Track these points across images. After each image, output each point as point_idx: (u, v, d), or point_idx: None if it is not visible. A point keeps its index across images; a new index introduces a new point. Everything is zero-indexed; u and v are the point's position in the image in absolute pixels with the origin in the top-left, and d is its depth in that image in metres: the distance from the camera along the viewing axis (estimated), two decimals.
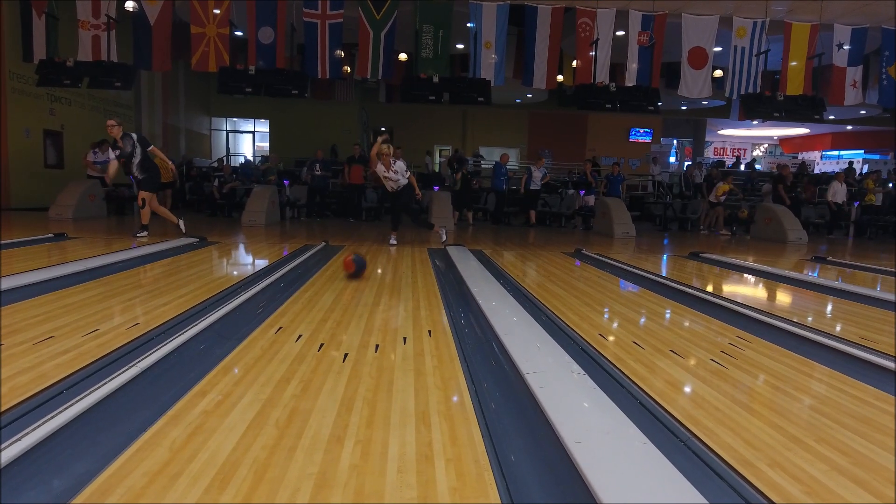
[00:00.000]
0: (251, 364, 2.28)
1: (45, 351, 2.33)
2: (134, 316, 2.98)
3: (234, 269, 4.89)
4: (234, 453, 1.52)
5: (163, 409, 1.80)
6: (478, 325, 3.09)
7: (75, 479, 1.39)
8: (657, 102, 9.22)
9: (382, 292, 3.91)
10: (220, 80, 9.56)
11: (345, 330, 2.87)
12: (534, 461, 1.59)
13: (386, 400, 1.96)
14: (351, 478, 1.42)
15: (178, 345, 2.40)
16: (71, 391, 1.93)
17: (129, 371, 2.03)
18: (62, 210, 8.50)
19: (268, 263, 5.07)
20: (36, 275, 3.84)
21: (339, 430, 1.70)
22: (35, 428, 1.55)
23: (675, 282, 4.69)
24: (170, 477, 1.39)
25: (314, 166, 11.58)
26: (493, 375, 2.30)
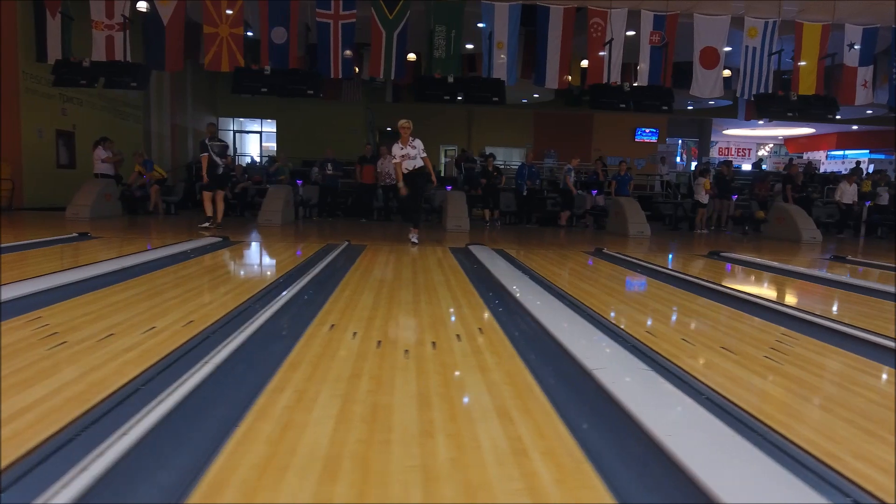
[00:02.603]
0: (316, 361, 2.29)
1: (111, 348, 2.35)
2: (184, 314, 2.99)
3: (265, 269, 4.90)
4: (332, 447, 1.54)
5: (245, 405, 1.82)
6: (525, 322, 3.10)
7: (181, 473, 1.41)
8: (671, 102, 9.26)
9: (419, 291, 3.93)
10: (235, 80, 9.59)
11: (395, 328, 2.89)
12: (623, 455, 1.61)
13: (460, 395, 1.99)
14: (454, 470, 1.44)
15: (240, 342, 2.42)
16: (149, 387, 1.96)
17: (205, 368, 2.05)
18: (79, 210, 8.51)
19: (297, 263, 5.08)
20: (73, 274, 3.86)
21: (424, 424, 1.72)
22: (135, 423, 1.57)
23: (706, 280, 4.72)
24: (278, 469, 1.41)
25: (326, 165, 11.60)
26: (556, 371, 2.32)
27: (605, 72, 9.89)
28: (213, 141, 8.15)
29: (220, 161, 8.09)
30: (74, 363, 2.15)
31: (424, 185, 6.86)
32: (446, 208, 9.11)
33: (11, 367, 2.09)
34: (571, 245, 7.54)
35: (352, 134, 19.56)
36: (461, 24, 10.59)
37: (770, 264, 6.02)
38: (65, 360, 2.19)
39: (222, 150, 8.23)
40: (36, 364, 2.13)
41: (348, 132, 19.43)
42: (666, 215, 12.54)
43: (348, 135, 19.14)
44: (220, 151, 8.15)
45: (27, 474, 1.36)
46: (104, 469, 1.33)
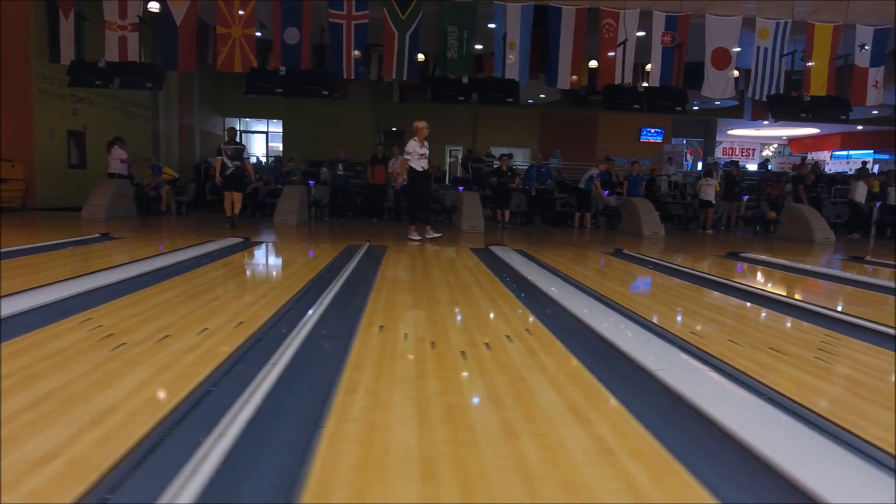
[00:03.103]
0: (378, 362, 2.31)
1: (171, 350, 2.37)
2: (231, 315, 3.00)
3: (296, 269, 4.90)
4: (422, 448, 1.56)
5: (323, 406, 1.84)
6: (568, 323, 3.12)
7: (282, 473, 1.43)
8: (684, 103, 9.29)
9: (454, 292, 3.94)
10: (248, 81, 9.61)
11: (444, 329, 2.91)
12: (707, 455, 1.63)
13: (529, 396, 2.00)
14: (550, 469, 1.46)
15: (298, 344, 2.43)
16: (221, 388, 1.97)
17: (276, 369, 2.06)
18: (95, 210, 8.52)
19: (326, 263, 5.09)
20: (110, 275, 3.88)
21: (504, 424, 1.74)
22: (228, 425, 1.58)
23: (733, 281, 4.74)
24: (378, 470, 1.43)
25: (337, 166, 11.61)
26: (614, 371, 2.33)
27: (619, 72, 9.90)
28: (227, 144, 8.43)
29: (230, 163, 8.29)
30: (141, 364, 2.17)
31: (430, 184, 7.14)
32: (461, 209, 9.12)
33: (81, 368, 2.10)
34: (589, 246, 7.56)
35: (358, 134, 19.59)
36: (474, 24, 10.61)
37: (790, 265, 6.05)
38: (130, 361, 2.20)
39: (236, 153, 8.39)
40: (103, 366, 2.15)
41: (355, 132, 19.46)
42: (675, 216, 12.57)
43: (355, 135, 19.18)
44: (233, 154, 8.36)
45: (131, 475, 1.38)
46: (213, 470, 1.35)
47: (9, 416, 1.67)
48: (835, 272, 5.47)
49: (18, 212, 9.76)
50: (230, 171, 8.32)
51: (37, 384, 1.93)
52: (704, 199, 11.04)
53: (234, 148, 8.40)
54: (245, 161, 8.53)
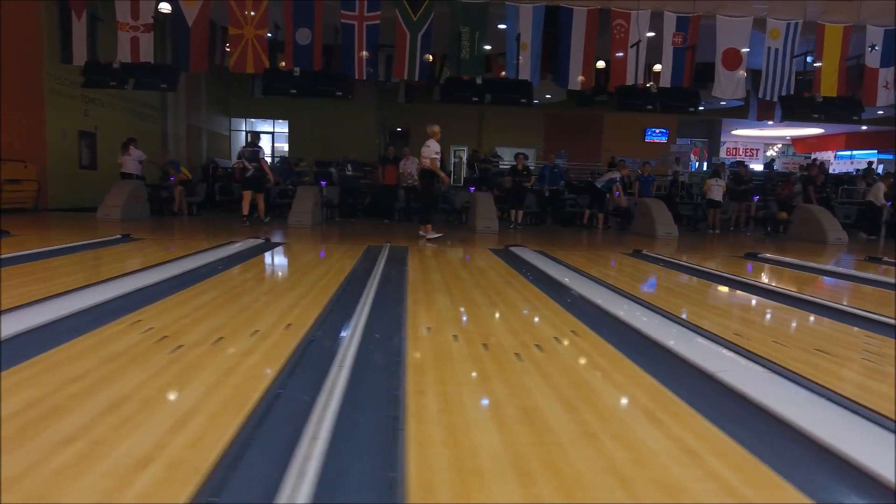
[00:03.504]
0: (437, 364, 2.33)
1: (230, 352, 2.38)
2: (278, 317, 3.01)
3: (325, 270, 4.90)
4: (509, 449, 1.57)
5: (396, 408, 1.85)
6: (610, 324, 3.13)
7: (377, 474, 1.44)
8: (697, 104, 9.32)
9: (489, 293, 3.96)
10: (264, 81, 9.63)
11: (490, 330, 2.93)
12: (787, 457, 1.65)
13: (596, 397, 2.02)
14: (641, 471, 1.48)
15: (357, 344, 2.45)
16: (289, 391, 1.99)
17: (343, 371, 2.08)
18: (110, 211, 8.52)
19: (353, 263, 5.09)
20: (146, 277, 3.89)
21: (580, 426, 1.76)
22: (316, 427, 1.60)
23: (760, 282, 4.76)
24: (474, 472, 1.44)
25: (346, 166, 11.62)
26: (671, 373, 2.35)
27: (633, 73, 9.92)
28: (246, 147, 8.85)
29: (249, 165, 8.67)
30: (205, 367, 2.18)
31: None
32: (475, 209, 9.14)
33: (147, 371, 2.11)
34: (607, 246, 7.59)
35: (364, 134, 19.60)
36: (486, 25, 10.63)
37: (811, 265, 6.07)
38: (194, 364, 2.22)
39: (252, 155, 8.79)
40: (168, 368, 2.16)
41: (360, 132, 19.47)
42: (684, 216, 12.58)
43: (360, 135, 19.19)
44: (249, 156, 8.76)
45: (231, 477, 1.39)
46: (317, 472, 1.36)
47: (91, 419, 1.68)
48: (858, 273, 5.50)
49: (31, 212, 9.76)
50: (250, 173, 8.69)
51: (109, 388, 1.94)
52: (714, 199, 11.07)
53: (250, 150, 8.78)
54: (261, 162, 8.79)
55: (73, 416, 1.69)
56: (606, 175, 10.50)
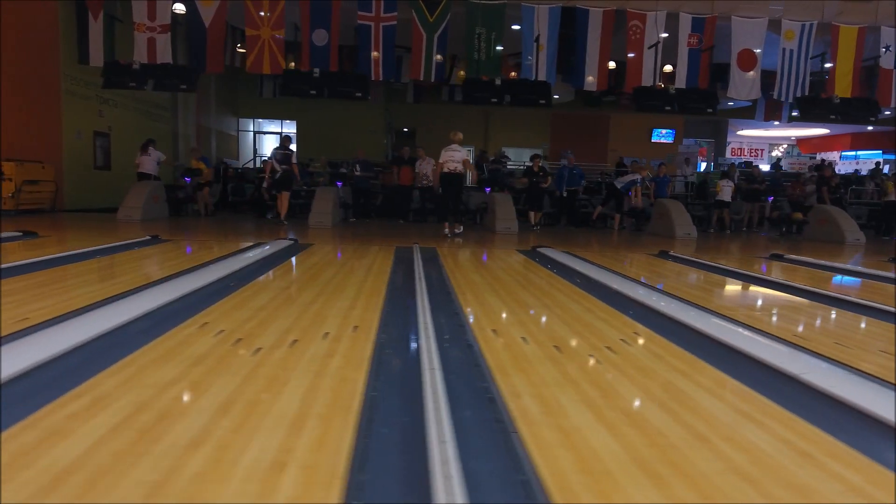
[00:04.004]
0: (517, 365, 2.34)
1: (310, 354, 2.39)
2: (341, 319, 3.03)
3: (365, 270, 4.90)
4: (627, 452, 1.59)
5: (500, 410, 1.87)
6: (671, 326, 3.14)
7: (507, 476, 1.46)
8: (715, 105, 9.36)
9: (536, 294, 3.98)
10: (282, 82, 9.64)
11: (555, 332, 2.94)
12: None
13: (690, 400, 2.03)
14: (764, 471, 1.49)
15: (435, 347, 2.46)
16: (383, 393, 2.00)
17: (437, 374, 2.09)
18: (131, 212, 8.53)
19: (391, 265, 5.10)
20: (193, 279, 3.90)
21: (686, 428, 1.77)
22: (439, 430, 1.61)
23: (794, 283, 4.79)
24: (605, 475, 1.46)
25: (355, 167, 11.69)
26: (750, 376, 2.36)
27: (650, 74, 9.96)
28: (277, 149, 9.24)
29: (278, 167, 9.02)
30: (293, 369, 2.19)
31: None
32: (494, 210, 9.16)
33: (238, 374, 2.13)
34: (631, 247, 7.62)
35: (371, 134, 19.61)
36: (502, 26, 10.65)
37: (837, 266, 6.11)
38: (280, 366, 2.23)
39: (284, 158, 9.13)
40: (257, 371, 2.17)
41: (368, 133, 19.48)
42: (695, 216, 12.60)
43: (368, 135, 19.20)
44: (281, 158, 9.09)
45: (368, 479, 1.41)
46: (460, 474, 1.38)
47: (205, 423, 1.69)
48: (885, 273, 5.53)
49: (48, 213, 9.75)
50: (279, 174, 9.06)
51: (208, 391, 1.96)
52: (724, 199, 11.09)
53: (282, 153, 9.16)
54: (293, 165, 9.22)
55: (187, 421, 1.70)
56: (627, 176, 10.53)
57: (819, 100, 9.83)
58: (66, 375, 2.06)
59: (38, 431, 1.59)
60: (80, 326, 2.69)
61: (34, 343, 2.39)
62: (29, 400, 1.83)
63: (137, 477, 1.37)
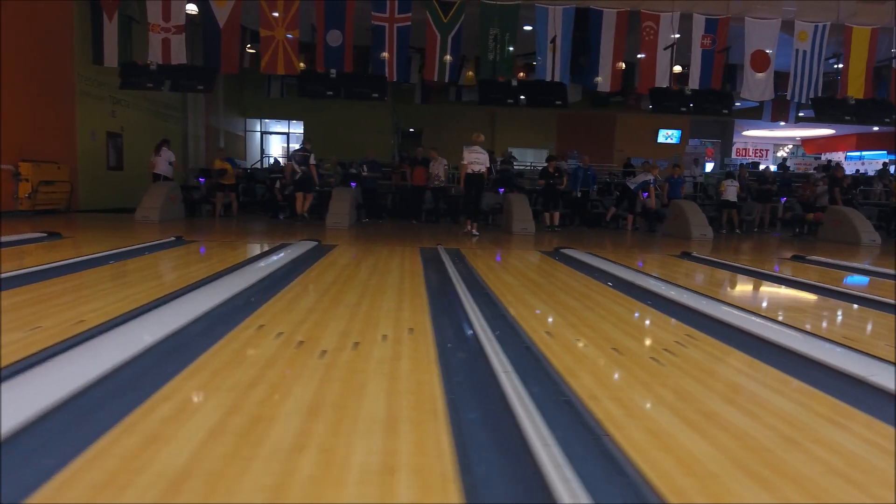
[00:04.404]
0: (583, 367, 2.36)
1: (377, 357, 2.41)
2: (394, 321, 3.04)
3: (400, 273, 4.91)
4: (729, 453, 1.61)
5: (576, 412, 1.88)
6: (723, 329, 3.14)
7: (608, 481, 1.47)
8: (731, 105, 9.38)
9: (576, 297, 3.99)
10: (299, 84, 9.66)
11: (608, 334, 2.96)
12: None
13: (765, 402, 2.05)
14: (864, 474, 1.51)
15: (499, 348, 2.47)
16: (459, 395, 2.02)
17: (513, 377, 2.11)
18: (148, 212, 8.54)
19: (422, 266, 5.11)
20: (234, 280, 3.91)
21: (772, 430, 1.79)
22: (535, 432, 1.63)
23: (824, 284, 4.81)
24: (710, 476, 1.47)
25: (362, 167, 11.75)
26: (812, 377, 2.37)
27: (666, 75, 9.98)
28: (297, 151, 9.53)
29: (298, 168, 9.28)
30: (363, 372, 2.20)
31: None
32: (510, 211, 9.17)
33: (313, 377, 2.14)
34: (651, 248, 7.65)
35: (378, 135, 19.62)
36: (516, 27, 10.67)
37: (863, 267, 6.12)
38: (352, 369, 2.24)
39: (302, 159, 9.37)
40: (330, 373, 2.17)
41: (374, 133, 19.50)
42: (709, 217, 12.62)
43: (375, 135, 19.22)
44: (299, 160, 9.36)
45: (477, 484, 1.42)
46: (576, 476, 1.39)
47: (300, 427, 1.70)
48: None
49: (64, 213, 9.75)
50: (300, 175, 9.32)
51: (291, 395, 1.97)
52: (730, 199, 11.07)
53: (302, 154, 9.39)
54: (311, 166, 9.37)
55: (280, 424, 1.71)
56: (640, 177, 10.54)
57: (834, 101, 9.87)
58: (142, 378, 2.08)
59: (137, 436, 1.60)
60: (141, 329, 2.70)
61: (102, 346, 2.40)
62: (111, 404, 1.84)
63: (253, 481, 1.38)
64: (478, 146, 8.70)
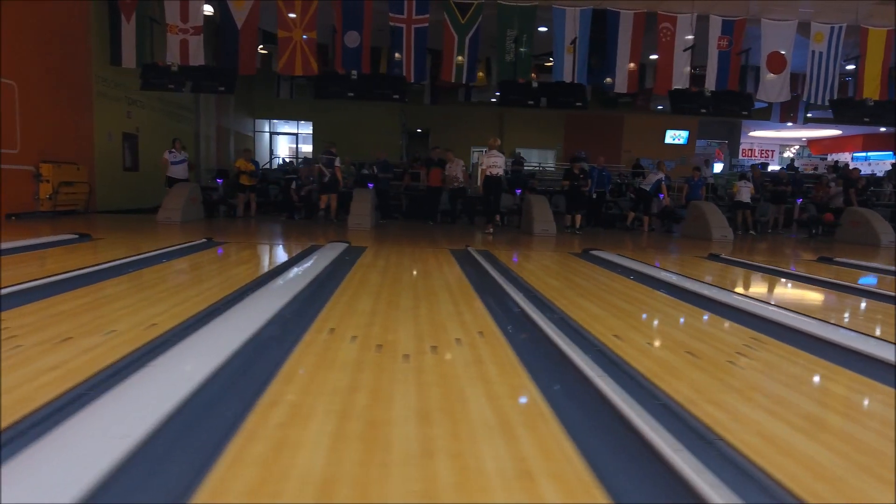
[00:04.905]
0: (671, 372, 2.37)
1: (461, 360, 2.42)
2: (459, 323, 3.05)
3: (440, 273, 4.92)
4: (844, 458, 1.63)
5: (683, 416, 1.90)
6: (783, 332, 3.17)
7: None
8: (750, 107, 9.40)
9: (622, 298, 4.00)
10: (319, 85, 9.68)
11: (678, 336, 2.98)
12: None
13: (860, 405, 2.07)
14: None
15: (581, 352, 2.49)
16: (555, 398, 2.03)
17: (608, 380, 2.12)
18: (171, 214, 8.54)
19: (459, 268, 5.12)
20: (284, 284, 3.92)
21: (879, 433, 1.81)
22: (651, 434, 1.64)
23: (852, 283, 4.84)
24: (855, 480, 1.49)
25: (373, 168, 11.77)
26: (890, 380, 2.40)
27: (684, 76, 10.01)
28: (323, 154, 9.80)
29: (326, 171, 9.59)
30: (455, 377, 2.22)
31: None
32: (531, 212, 9.19)
33: (409, 382, 2.15)
34: (675, 250, 7.68)
35: (386, 135, 19.64)
36: (532, 28, 10.69)
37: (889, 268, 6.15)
38: (443, 374, 2.25)
39: (328, 162, 9.64)
40: (422, 378, 2.19)
41: (382, 133, 19.52)
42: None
43: (383, 136, 19.24)
44: (326, 163, 9.62)
45: (621, 488, 1.44)
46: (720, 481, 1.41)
47: (417, 430, 1.72)
48: None
49: (83, 214, 9.74)
50: (327, 178, 9.65)
51: (392, 398, 1.98)
52: (743, 200, 11.08)
53: (328, 157, 9.67)
54: (336, 169, 9.67)
55: (398, 429, 1.73)
56: (651, 177, 10.55)
57: (853, 102, 9.91)
58: (237, 383, 2.09)
59: (264, 442, 1.60)
60: (217, 333, 2.71)
61: (188, 351, 2.41)
62: (218, 408, 1.86)
63: (400, 486, 1.40)
64: (495, 150, 9.11)
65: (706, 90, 9.55)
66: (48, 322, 2.79)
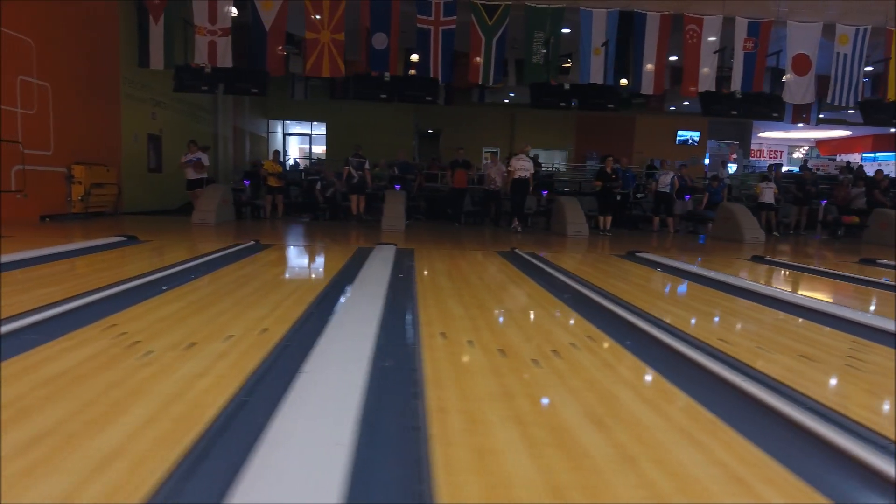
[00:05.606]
0: (812, 379, 2.40)
1: (582, 365, 2.44)
2: (562, 329, 3.08)
3: (504, 276, 4.94)
4: None
5: (846, 423, 1.92)
6: (879, 336, 3.20)
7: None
8: (782, 110, 9.44)
9: (704, 303, 4.03)
10: (354, 86, 9.69)
11: (787, 343, 3.00)
12: None
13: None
14: None
15: (709, 358, 2.51)
16: (721, 408, 2.05)
17: (751, 384, 2.14)
18: (205, 216, 8.54)
19: (514, 270, 5.14)
20: (367, 286, 3.93)
21: None
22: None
23: None
24: None
25: (393, 168, 11.74)
26: None
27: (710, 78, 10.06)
28: (353, 157, 10.04)
29: (355, 173, 9.89)
30: (606, 382, 2.24)
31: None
32: (563, 213, 9.21)
33: (570, 392, 2.17)
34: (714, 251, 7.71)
35: (399, 136, 19.64)
36: (559, 29, 10.72)
37: None
38: (591, 380, 2.27)
39: (359, 165, 9.93)
40: (568, 384, 2.21)
41: (395, 134, 19.52)
42: None
43: (396, 137, 19.24)
44: (356, 165, 9.92)
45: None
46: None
47: (605, 437, 1.74)
48: None
49: (112, 216, 9.73)
50: (356, 179, 9.92)
51: (553, 402, 2.00)
52: (767, 202, 11.13)
53: (357, 160, 9.93)
54: (365, 171, 9.94)
55: (587, 436, 1.75)
56: (664, 178, 10.55)
57: (883, 104, 9.96)
58: (393, 388, 2.10)
59: (462, 449, 1.62)
60: (343, 339, 2.71)
61: (326, 357, 2.40)
62: (390, 413, 1.87)
63: (626, 493, 1.41)
64: (524, 154, 9.74)
65: (737, 92, 9.59)
66: (161, 327, 2.79)
